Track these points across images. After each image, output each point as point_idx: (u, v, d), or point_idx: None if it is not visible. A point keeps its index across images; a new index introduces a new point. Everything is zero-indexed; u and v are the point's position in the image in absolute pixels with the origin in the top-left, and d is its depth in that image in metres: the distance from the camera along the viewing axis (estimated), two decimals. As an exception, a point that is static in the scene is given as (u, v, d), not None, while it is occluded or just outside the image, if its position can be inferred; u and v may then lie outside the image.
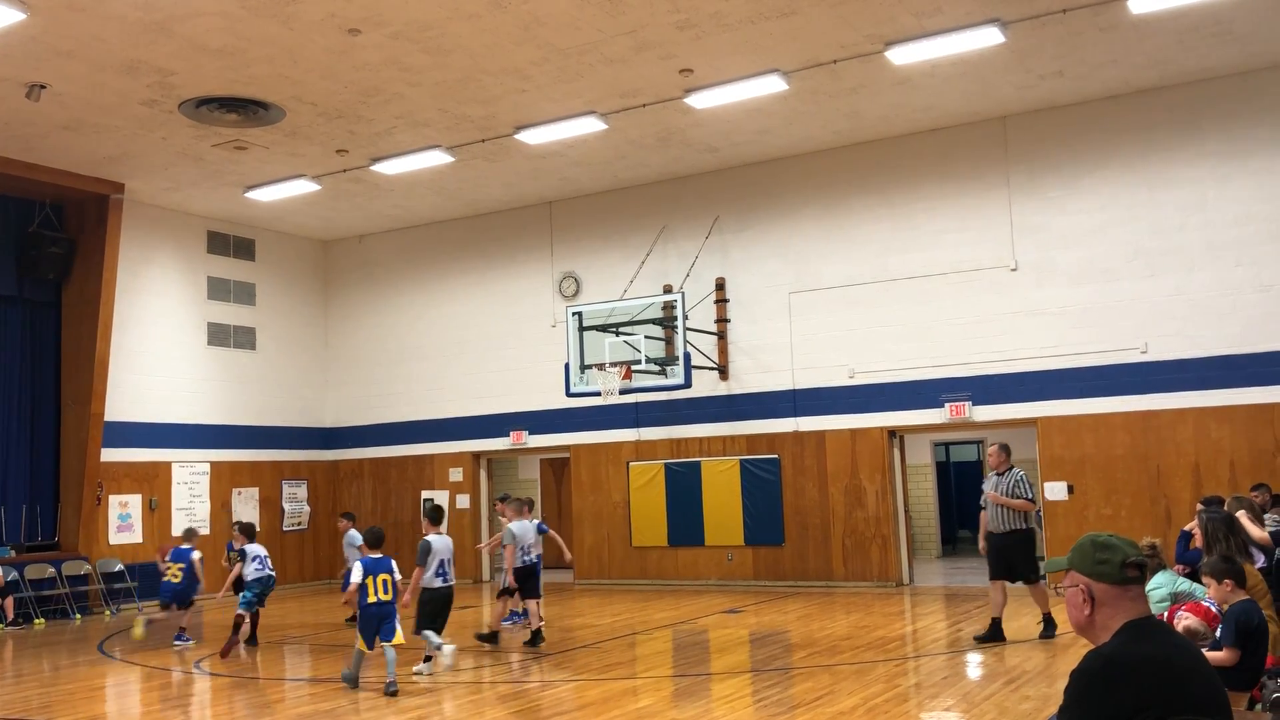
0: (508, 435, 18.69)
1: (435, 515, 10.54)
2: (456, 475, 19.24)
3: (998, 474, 10.70)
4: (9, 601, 14.64)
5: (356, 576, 9.17)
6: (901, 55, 12.53)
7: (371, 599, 9.19)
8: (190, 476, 18.01)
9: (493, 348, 18.94)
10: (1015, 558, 10.52)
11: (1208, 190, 13.89)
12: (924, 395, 15.39)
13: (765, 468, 16.41)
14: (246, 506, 18.80)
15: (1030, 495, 10.60)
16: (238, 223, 19.02)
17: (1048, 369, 14.62)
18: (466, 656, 10.79)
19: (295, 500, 19.80)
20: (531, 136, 14.75)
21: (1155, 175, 14.21)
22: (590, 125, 14.42)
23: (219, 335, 18.78)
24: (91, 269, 16.64)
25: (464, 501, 19.13)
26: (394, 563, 9.53)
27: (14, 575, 14.97)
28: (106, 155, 15.17)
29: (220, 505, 18.36)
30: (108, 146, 14.79)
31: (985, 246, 15.11)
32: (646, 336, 15.64)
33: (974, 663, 9.63)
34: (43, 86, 12.44)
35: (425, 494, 19.33)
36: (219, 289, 18.86)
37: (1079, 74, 13.59)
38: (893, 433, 15.81)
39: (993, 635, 10.30)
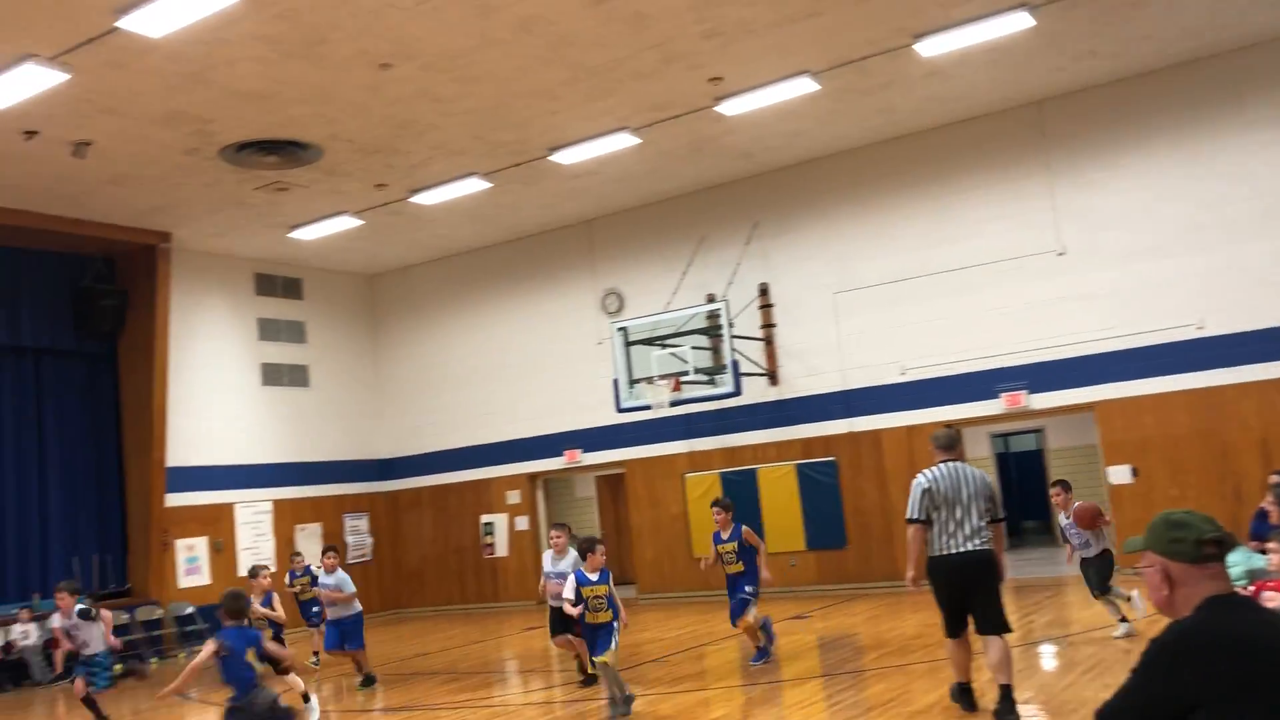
0: (561, 455, 18.74)
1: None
2: (514, 498, 19.31)
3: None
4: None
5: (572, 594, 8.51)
6: (930, 47, 12.44)
7: None
8: (253, 516, 18.24)
9: (540, 368, 19.02)
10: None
11: (1254, 159, 13.62)
12: (978, 387, 15.21)
13: (822, 471, 16.30)
14: (310, 542, 19.00)
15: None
16: (284, 263, 19.29)
17: (1103, 351, 14.39)
18: (536, 677, 10.77)
19: (358, 533, 19.99)
20: (565, 157, 14.84)
21: (1199, 148, 13.97)
22: (623, 141, 14.47)
23: (272, 375, 19.04)
24: (144, 318, 16.96)
25: (523, 524, 19.20)
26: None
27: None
28: (152, 206, 15.46)
29: (284, 542, 18.57)
30: (153, 197, 15.08)
31: (1030, 233, 14.92)
32: (693, 347, 15.63)
33: (1049, 654, 9.47)
34: (88, 143, 12.72)
35: (484, 518, 19.44)
36: (270, 329, 19.13)
37: (1112, 52, 13.41)
38: (949, 427, 15.62)
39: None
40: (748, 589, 10.19)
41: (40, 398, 16.55)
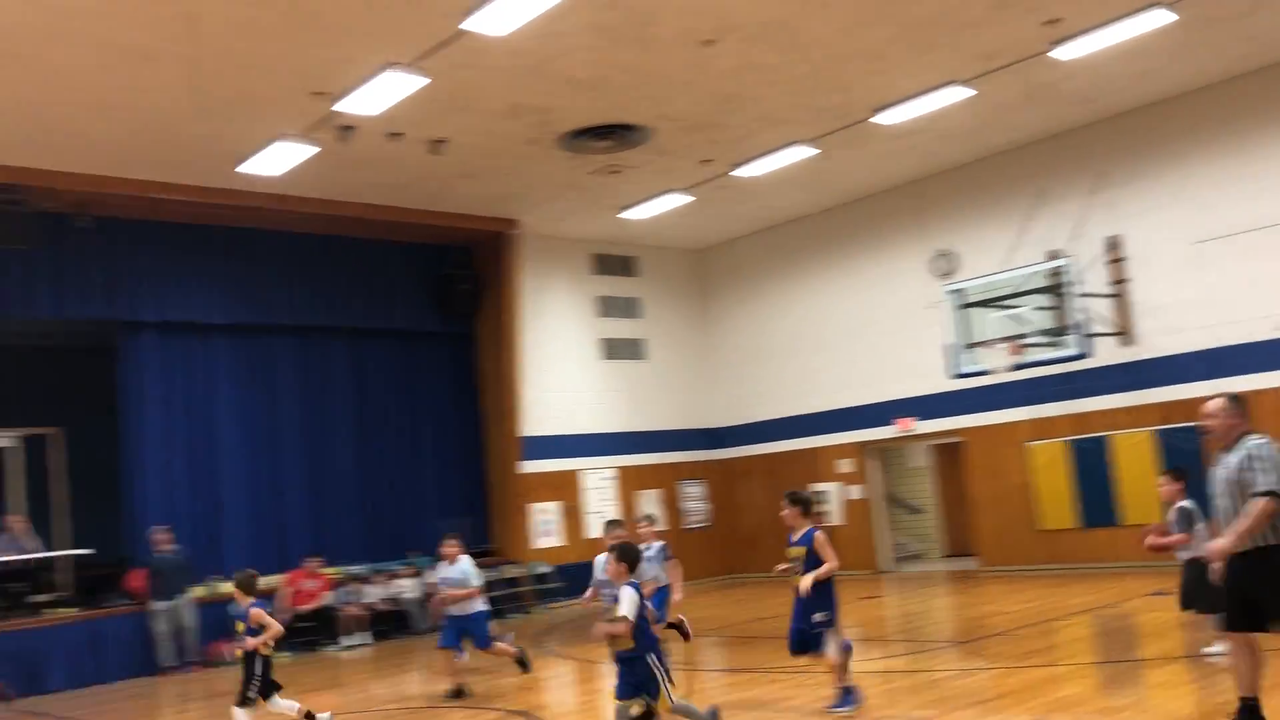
0: (892, 423, 18.40)
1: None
2: (845, 466, 19.20)
3: (1226, 449, 6.13)
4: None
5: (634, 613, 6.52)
6: (1307, -40, 11.05)
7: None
8: (599, 482, 19.30)
9: (869, 335, 18.74)
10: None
11: None
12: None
13: (1186, 438, 14.99)
14: (651, 507, 19.84)
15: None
16: (619, 242, 20.17)
17: None
18: (873, 647, 10.69)
19: (694, 499, 20.66)
20: (891, 116, 14.47)
21: None
22: (952, 95, 13.91)
23: (611, 349, 20.01)
24: (497, 300, 18.36)
25: (855, 493, 19.06)
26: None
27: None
28: (500, 195, 16.63)
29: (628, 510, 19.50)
30: (500, 187, 16.21)
31: None
32: (1034, 308, 14.83)
33: None
34: (443, 141, 13.85)
35: (817, 487, 19.46)
36: (608, 306, 20.10)
37: None
38: (1337, 387, 13.91)
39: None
40: (817, 616, 7.77)
41: (412, 375, 18.32)
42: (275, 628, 8.33)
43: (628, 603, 6.44)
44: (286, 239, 16.63)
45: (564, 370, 19.27)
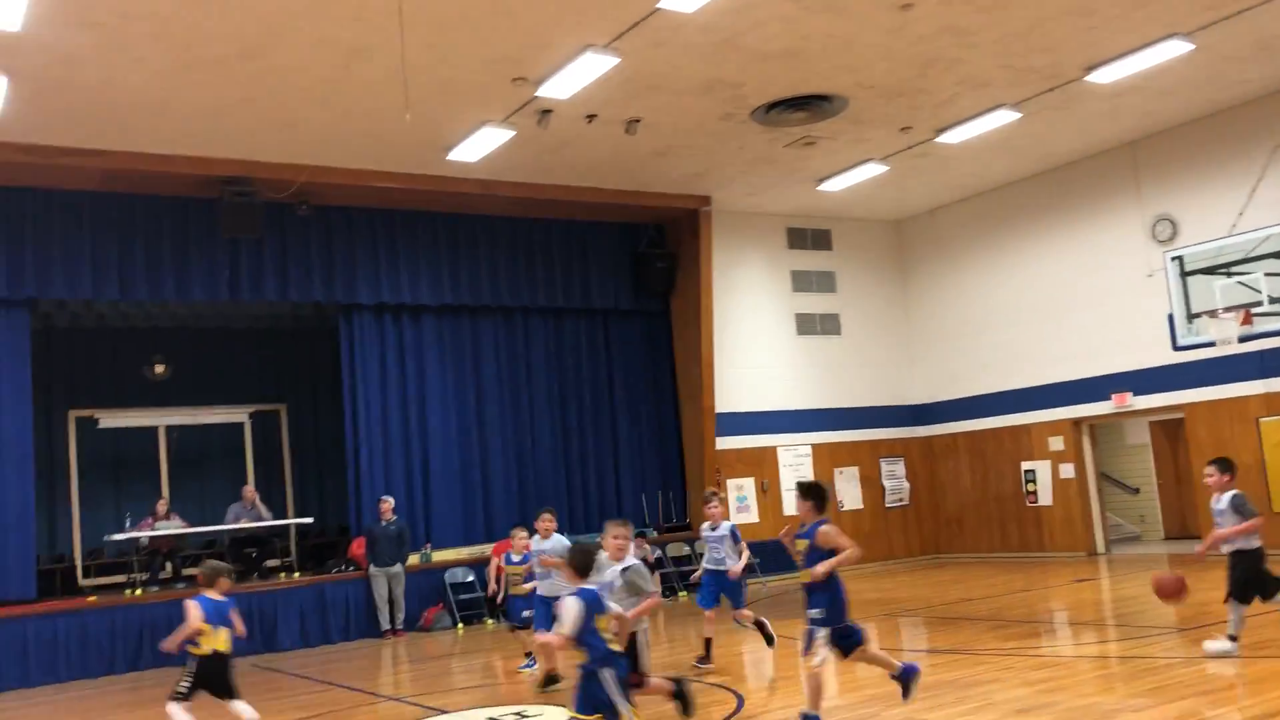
0: (1108, 398, 17.47)
1: None
2: (1057, 444, 18.37)
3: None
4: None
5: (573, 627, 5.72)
6: None
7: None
8: (794, 459, 19.16)
9: (1081, 306, 17.82)
10: None
11: None
12: None
13: None
14: (849, 485, 19.59)
15: None
16: (813, 215, 19.89)
17: None
18: (1087, 631, 10.21)
19: (894, 477, 20.23)
20: (1104, 75, 13.68)
21: None
22: (1173, 49, 13.02)
23: (806, 324, 19.78)
24: (691, 277, 18.43)
25: (1068, 471, 18.22)
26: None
27: (658, 552, 16.96)
28: (693, 172, 16.67)
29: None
30: (693, 164, 16.25)
31: None
32: (1266, 274, 13.79)
33: None
34: (637, 120, 13.98)
35: (1025, 465, 18.73)
36: (802, 281, 19.87)
37: None
38: None
39: None
40: (813, 612, 6.93)
41: (608, 352, 18.66)
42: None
43: (567, 615, 5.69)
44: (488, 222, 17.20)
45: (758, 346, 19.20)
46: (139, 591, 14.35)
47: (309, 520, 17.08)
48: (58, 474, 17.29)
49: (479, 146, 14.05)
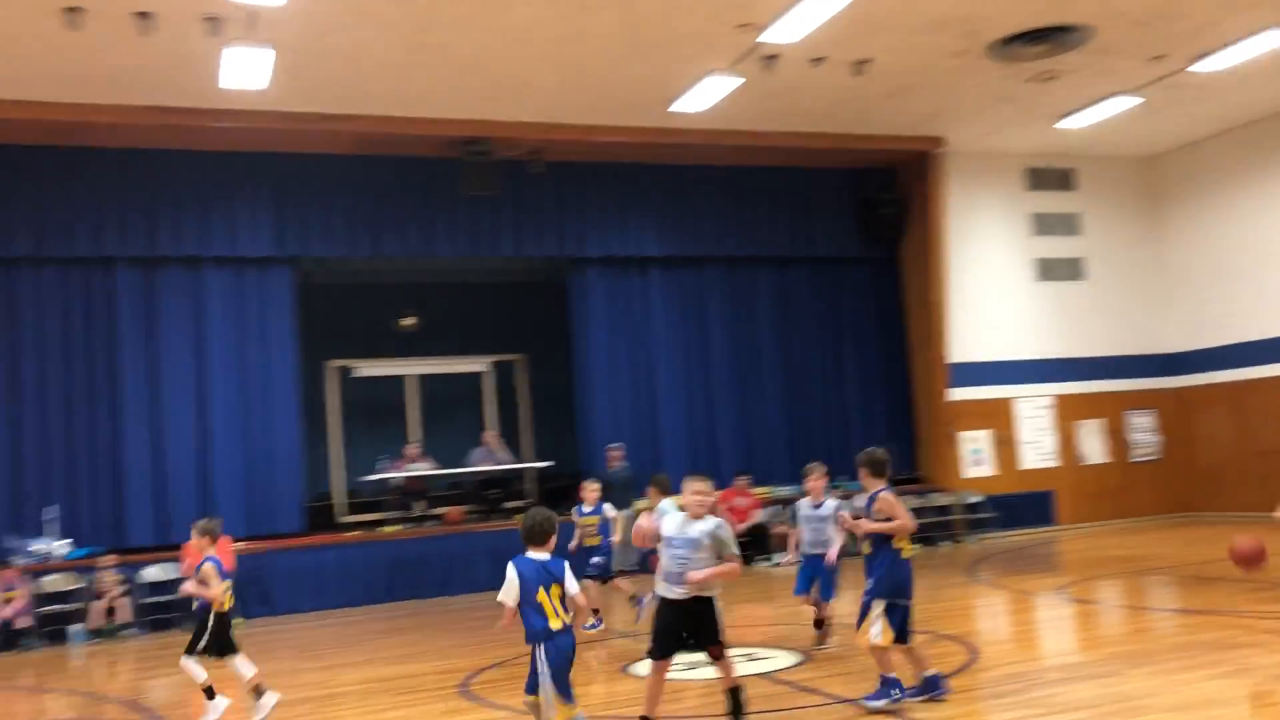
0: (1396, 346, 15.84)
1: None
2: (1334, 397, 16.84)
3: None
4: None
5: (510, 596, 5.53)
6: None
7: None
8: (1034, 411, 18.36)
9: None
10: None
11: None
12: None
13: None
14: (1091, 438, 18.64)
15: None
16: (1054, 154, 18.83)
17: None
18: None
19: (1142, 430, 19.08)
20: (1396, -15, 12.27)
21: None
22: None
23: (1047, 270, 18.82)
24: (922, 222, 17.90)
25: (1344, 426, 16.67)
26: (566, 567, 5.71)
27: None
28: (925, 113, 16.10)
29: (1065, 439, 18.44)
30: (925, 105, 15.69)
31: None
32: None
33: None
34: (866, 61, 13.62)
35: (1293, 419, 17.25)
36: (1042, 224, 18.89)
37: None
38: None
39: None
40: (867, 584, 6.73)
41: (835, 301, 18.40)
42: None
43: (506, 585, 5.49)
44: (713, 172, 17.24)
45: (994, 293, 18.42)
46: (394, 528, 15.43)
47: (547, 464, 17.79)
48: (319, 419, 18.67)
49: (704, 96, 14.07)
